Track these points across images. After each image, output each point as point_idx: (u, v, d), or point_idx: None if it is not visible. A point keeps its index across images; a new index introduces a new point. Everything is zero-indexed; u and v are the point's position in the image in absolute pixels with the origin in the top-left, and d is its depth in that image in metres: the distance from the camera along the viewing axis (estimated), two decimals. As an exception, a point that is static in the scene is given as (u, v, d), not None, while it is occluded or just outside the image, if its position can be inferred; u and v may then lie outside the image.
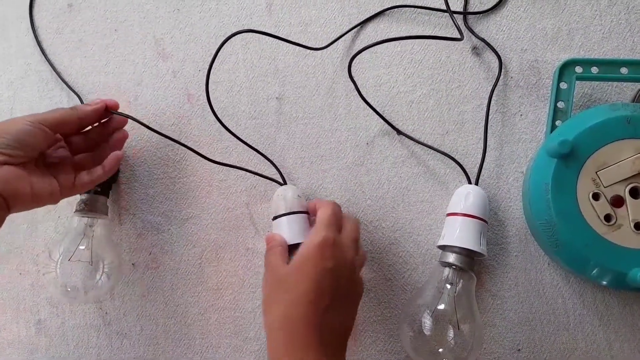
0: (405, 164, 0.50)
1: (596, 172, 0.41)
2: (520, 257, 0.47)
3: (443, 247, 0.45)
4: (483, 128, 0.48)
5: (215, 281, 0.50)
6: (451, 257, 0.44)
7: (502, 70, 0.49)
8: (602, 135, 0.41)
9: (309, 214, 0.47)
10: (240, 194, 0.51)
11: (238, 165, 0.50)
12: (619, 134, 0.41)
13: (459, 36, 0.48)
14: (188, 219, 0.52)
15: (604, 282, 0.42)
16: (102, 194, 0.50)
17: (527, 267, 0.47)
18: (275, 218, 0.46)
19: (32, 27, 0.56)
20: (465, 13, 0.51)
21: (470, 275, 0.44)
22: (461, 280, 0.44)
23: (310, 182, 0.51)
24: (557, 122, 0.45)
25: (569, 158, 0.41)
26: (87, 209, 0.48)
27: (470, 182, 0.47)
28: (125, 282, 0.51)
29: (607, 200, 0.41)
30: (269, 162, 0.50)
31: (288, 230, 0.45)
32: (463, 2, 0.51)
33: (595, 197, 0.41)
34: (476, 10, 0.51)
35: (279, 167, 0.50)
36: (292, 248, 0.45)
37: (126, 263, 0.51)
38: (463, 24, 0.51)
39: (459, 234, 0.44)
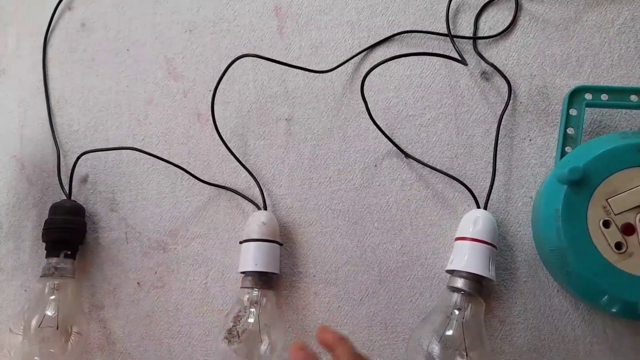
0: (414, 187, 0.50)
1: (607, 200, 0.41)
2: (529, 283, 0.47)
3: (451, 272, 0.45)
4: (492, 152, 0.48)
5: (220, 302, 0.50)
6: (459, 282, 0.43)
7: (512, 95, 0.49)
8: (613, 163, 0.41)
9: (279, 243, 0.48)
10: (247, 214, 0.51)
11: (225, 185, 0.52)
12: (629, 162, 0.41)
13: (466, 60, 0.48)
14: (194, 238, 0.51)
15: (615, 311, 0.41)
16: (70, 257, 0.49)
17: (536, 293, 0.46)
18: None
19: (43, 51, 0.57)
20: (474, 38, 0.52)
21: (479, 300, 0.43)
22: (470, 306, 0.43)
23: (318, 203, 0.51)
24: (567, 149, 0.45)
25: (579, 185, 0.41)
26: (56, 273, 0.48)
27: (479, 207, 0.47)
28: (130, 301, 0.51)
29: (618, 228, 0.40)
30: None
31: (241, 257, 0.47)
32: (473, 28, 0.52)
33: (606, 224, 0.40)
34: (485, 35, 0.51)
35: (266, 189, 0.50)
36: (244, 275, 0.47)
37: (131, 282, 0.51)
38: (472, 49, 0.51)
39: (468, 259, 0.44)
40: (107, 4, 0.58)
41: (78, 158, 0.52)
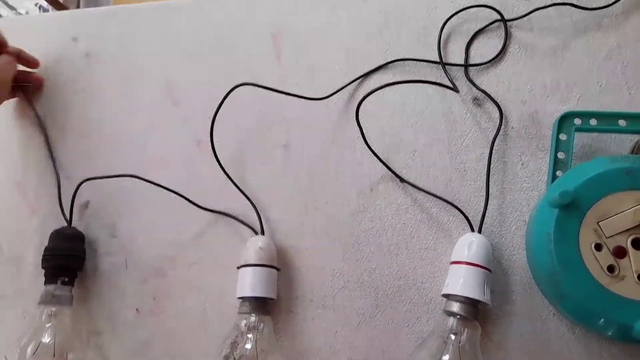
0: (409, 211, 0.50)
1: (598, 223, 0.41)
2: (525, 306, 0.47)
3: (447, 296, 0.45)
4: (485, 177, 0.49)
5: (218, 327, 0.50)
6: (455, 307, 0.44)
7: (503, 120, 0.50)
8: (603, 187, 0.42)
9: (276, 268, 0.48)
10: (245, 239, 0.52)
11: (223, 211, 0.52)
12: (619, 186, 0.41)
13: (458, 87, 0.50)
14: (193, 264, 0.52)
15: (610, 334, 0.41)
16: (68, 284, 0.50)
17: (532, 317, 0.46)
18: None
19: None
20: (465, 65, 0.53)
21: (475, 324, 0.44)
22: (466, 330, 0.43)
23: (315, 227, 0.51)
24: (558, 173, 0.46)
25: (570, 208, 0.41)
26: (53, 300, 0.48)
27: (473, 230, 0.48)
28: (128, 327, 0.51)
29: (610, 251, 0.41)
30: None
31: (238, 282, 0.47)
32: (464, 55, 0.53)
33: (598, 247, 0.41)
34: (476, 62, 0.53)
35: (264, 214, 0.51)
36: (241, 300, 0.47)
37: (130, 308, 0.52)
38: (464, 76, 0.53)
39: (463, 282, 0.44)
40: (110, 33, 0.59)
41: (79, 185, 0.53)
